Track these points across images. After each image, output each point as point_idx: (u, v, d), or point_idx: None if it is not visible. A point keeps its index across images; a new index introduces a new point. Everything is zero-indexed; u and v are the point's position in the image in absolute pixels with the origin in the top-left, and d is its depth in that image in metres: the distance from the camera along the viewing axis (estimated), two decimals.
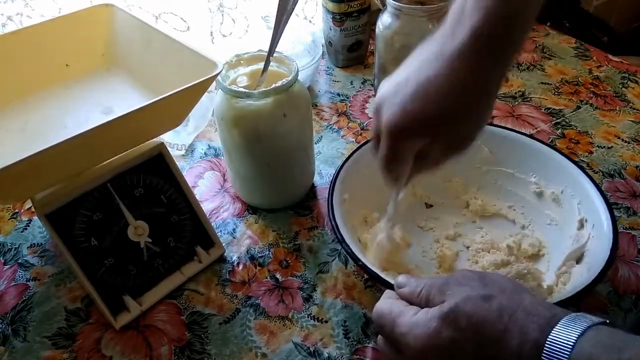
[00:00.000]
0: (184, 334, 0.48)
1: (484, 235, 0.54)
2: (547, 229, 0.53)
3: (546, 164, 0.53)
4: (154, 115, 0.44)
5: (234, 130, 0.52)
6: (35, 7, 0.67)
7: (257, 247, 0.55)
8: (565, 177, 0.52)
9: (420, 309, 0.35)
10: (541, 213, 0.54)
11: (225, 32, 0.83)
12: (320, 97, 0.78)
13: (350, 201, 0.52)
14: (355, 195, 0.52)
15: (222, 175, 0.65)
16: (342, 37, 0.79)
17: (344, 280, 0.52)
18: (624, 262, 0.52)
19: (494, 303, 0.31)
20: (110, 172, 0.46)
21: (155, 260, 0.50)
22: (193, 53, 0.47)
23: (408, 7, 0.62)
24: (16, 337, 0.48)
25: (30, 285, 0.52)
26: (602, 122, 0.71)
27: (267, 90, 0.49)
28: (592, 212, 0.48)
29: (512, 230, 0.55)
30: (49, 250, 0.56)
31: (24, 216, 0.60)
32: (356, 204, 0.53)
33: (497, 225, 0.56)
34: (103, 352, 0.46)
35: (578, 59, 0.84)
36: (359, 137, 0.70)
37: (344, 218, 0.48)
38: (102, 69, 0.57)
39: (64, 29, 0.55)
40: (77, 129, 0.38)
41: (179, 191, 0.50)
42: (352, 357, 0.45)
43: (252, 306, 0.50)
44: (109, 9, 0.57)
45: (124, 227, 0.48)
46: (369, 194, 0.53)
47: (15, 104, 0.52)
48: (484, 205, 0.57)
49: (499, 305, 0.31)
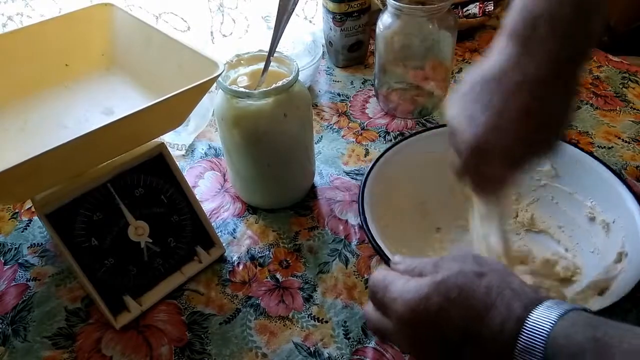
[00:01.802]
0: (184, 334, 0.48)
1: (522, 247, 0.53)
2: (588, 257, 0.51)
3: (605, 190, 0.51)
4: (156, 116, 0.43)
5: (234, 130, 0.52)
6: (35, 7, 0.67)
7: (257, 247, 0.55)
8: (619, 206, 0.49)
9: (412, 278, 0.35)
10: (588, 240, 0.52)
11: (225, 32, 0.83)
12: (321, 97, 0.78)
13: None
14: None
15: (222, 175, 0.65)
16: (343, 37, 0.79)
17: (344, 281, 0.52)
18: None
19: (484, 280, 0.32)
20: (110, 172, 0.46)
21: (156, 260, 0.50)
22: (193, 53, 0.47)
23: (408, 7, 0.62)
24: (16, 337, 0.48)
25: (30, 285, 0.52)
26: (602, 122, 0.71)
27: (268, 90, 0.49)
28: (635, 248, 0.46)
29: (554, 250, 0.53)
30: (49, 250, 0.56)
31: (24, 216, 0.60)
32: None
33: (540, 241, 0.55)
34: (103, 352, 0.46)
35: None
36: (359, 137, 0.69)
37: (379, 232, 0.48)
38: (102, 69, 0.57)
39: (63, 28, 0.55)
40: (76, 129, 0.38)
41: (179, 191, 0.50)
42: (352, 357, 0.45)
43: (252, 306, 0.50)
44: (108, 8, 0.57)
45: (124, 227, 0.47)
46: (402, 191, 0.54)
47: (15, 104, 0.52)
48: (533, 220, 0.56)
49: (489, 282, 0.32)
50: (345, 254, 0.54)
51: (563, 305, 0.29)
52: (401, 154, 0.56)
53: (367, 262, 0.53)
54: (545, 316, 0.29)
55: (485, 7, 0.85)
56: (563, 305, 0.30)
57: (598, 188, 0.52)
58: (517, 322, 0.29)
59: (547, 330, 0.28)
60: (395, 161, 0.55)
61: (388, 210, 0.53)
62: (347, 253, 0.54)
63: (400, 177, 0.55)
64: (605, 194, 0.51)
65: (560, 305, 0.29)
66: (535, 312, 0.29)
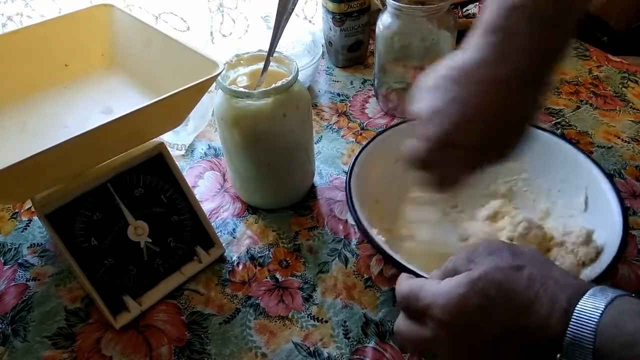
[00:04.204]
0: (184, 334, 0.48)
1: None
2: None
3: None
4: (155, 115, 0.43)
5: (234, 130, 0.52)
6: (35, 7, 0.67)
7: (257, 247, 0.55)
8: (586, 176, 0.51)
9: (442, 280, 0.33)
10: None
11: (225, 32, 0.83)
12: (320, 97, 0.78)
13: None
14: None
15: (222, 175, 0.65)
16: (342, 37, 0.79)
17: (344, 280, 0.52)
18: (624, 262, 0.52)
19: (524, 272, 0.31)
20: (110, 172, 0.46)
21: (155, 260, 0.50)
22: (193, 53, 0.47)
23: (408, 7, 0.62)
24: (16, 337, 0.48)
25: (30, 285, 0.52)
26: (602, 122, 0.71)
27: (267, 90, 0.49)
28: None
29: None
30: (49, 250, 0.56)
31: (24, 216, 0.60)
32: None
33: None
34: (103, 352, 0.46)
35: (578, 59, 0.84)
36: (358, 137, 0.70)
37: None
38: (101, 69, 0.57)
39: (63, 29, 0.55)
40: (76, 129, 0.38)
41: (179, 191, 0.50)
42: (352, 357, 0.45)
43: (252, 306, 0.50)
44: (108, 9, 0.57)
45: (124, 227, 0.47)
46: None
47: (15, 104, 0.52)
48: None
49: (529, 275, 0.31)
50: (344, 254, 0.54)
51: (608, 292, 0.29)
52: (378, 150, 0.56)
53: (366, 261, 0.53)
54: (592, 306, 0.28)
55: None
56: (608, 292, 0.29)
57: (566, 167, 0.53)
58: (564, 313, 0.29)
59: (595, 321, 0.27)
60: (373, 159, 0.55)
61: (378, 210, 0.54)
62: (346, 253, 0.54)
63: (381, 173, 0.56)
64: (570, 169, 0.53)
65: (605, 293, 0.29)
66: (581, 302, 0.28)
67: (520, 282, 0.31)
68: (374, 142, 0.56)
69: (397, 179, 0.55)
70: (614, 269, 0.41)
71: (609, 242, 0.45)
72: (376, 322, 0.48)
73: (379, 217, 0.53)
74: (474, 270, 0.32)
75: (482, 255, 0.33)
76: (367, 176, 0.54)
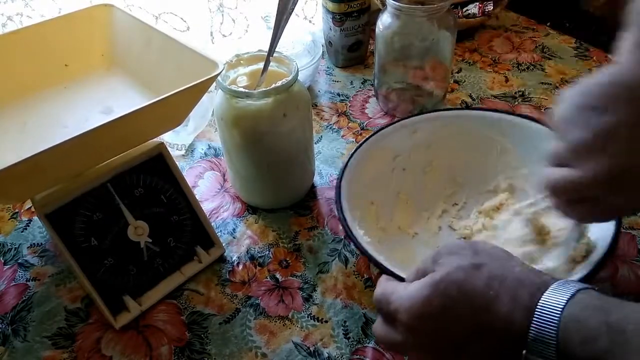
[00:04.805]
0: (184, 334, 0.48)
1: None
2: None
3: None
4: (155, 115, 0.43)
5: (234, 131, 0.52)
6: (35, 7, 0.67)
7: (257, 247, 0.55)
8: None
9: (411, 283, 0.34)
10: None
11: (225, 32, 0.83)
12: (320, 97, 0.78)
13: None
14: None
15: (222, 175, 0.65)
16: (342, 37, 0.79)
17: (344, 280, 0.52)
18: (624, 262, 0.52)
19: (484, 270, 0.31)
20: (110, 172, 0.46)
21: (155, 260, 0.50)
22: (193, 53, 0.47)
23: (408, 7, 0.62)
24: (16, 337, 0.48)
25: (30, 285, 0.52)
26: None
27: (267, 90, 0.49)
28: None
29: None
30: (49, 250, 0.56)
31: (24, 216, 0.60)
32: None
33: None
34: (103, 352, 0.47)
35: (578, 59, 0.84)
36: (358, 137, 0.70)
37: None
38: (101, 69, 0.57)
39: (63, 29, 0.55)
40: (76, 129, 0.38)
41: (179, 191, 0.50)
42: (352, 357, 0.45)
43: (252, 306, 0.50)
44: (108, 9, 0.57)
45: (124, 227, 0.48)
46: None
47: (15, 104, 0.52)
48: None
49: (489, 273, 0.31)
50: (344, 254, 0.54)
51: (570, 287, 0.29)
52: (370, 152, 0.56)
53: (366, 261, 0.53)
54: (554, 301, 0.28)
55: (485, 7, 0.85)
56: (569, 286, 0.29)
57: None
58: (526, 310, 0.29)
59: (557, 316, 0.27)
60: (364, 162, 0.55)
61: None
62: (346, 253, 0.54)
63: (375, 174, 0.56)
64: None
65: (567, 287, 0.29)
66: (543, 298, 0.29)
67: (480, 281, 0.31)
68: (369, 142, 0.55)
69: (393, 179, 0.55)
70: (604, 266, 0.41)
71: (601, 239, 0.45)
72: None
73: (374, 217, 0.54)
74: (437, 271, 0.32)
75: (444, 255, 0.34)
76: (362, 176, 0.53)
